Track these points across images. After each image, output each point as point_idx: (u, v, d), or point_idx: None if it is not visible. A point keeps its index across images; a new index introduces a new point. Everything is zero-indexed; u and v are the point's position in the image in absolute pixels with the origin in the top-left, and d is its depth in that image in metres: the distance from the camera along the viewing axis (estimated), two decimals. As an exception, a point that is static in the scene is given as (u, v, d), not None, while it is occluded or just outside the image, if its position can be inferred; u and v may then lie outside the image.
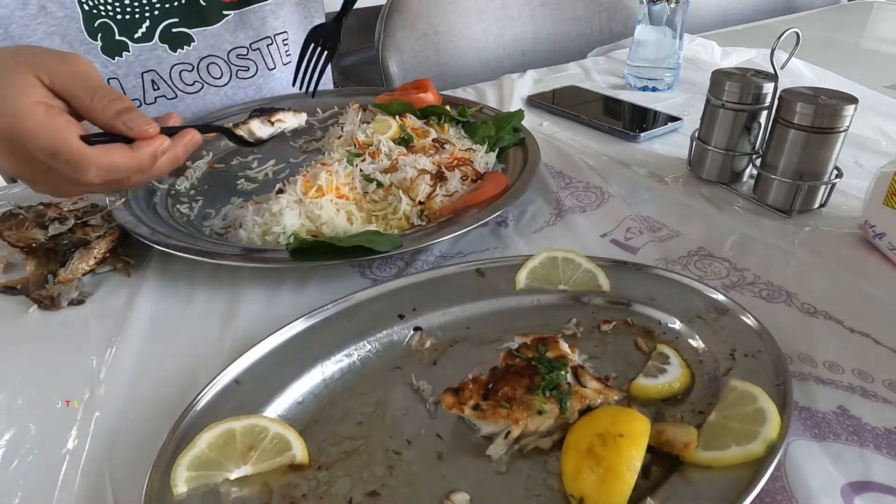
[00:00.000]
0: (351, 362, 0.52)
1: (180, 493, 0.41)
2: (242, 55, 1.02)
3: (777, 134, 0.71)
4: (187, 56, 0.97)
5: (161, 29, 0.94)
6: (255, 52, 1.03)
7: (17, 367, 0.56)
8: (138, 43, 0.93)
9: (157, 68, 0.95)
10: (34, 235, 0.66)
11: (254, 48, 1.03)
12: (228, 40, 1.00)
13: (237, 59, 1.02)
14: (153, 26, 0.93)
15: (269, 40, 1.04)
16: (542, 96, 1.09)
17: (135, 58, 0.93)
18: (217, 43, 0.99)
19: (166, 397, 0.51)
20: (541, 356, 0.47)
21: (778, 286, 0.61)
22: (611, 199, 0.77)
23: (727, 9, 1.71)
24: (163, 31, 0.94)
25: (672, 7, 1.05)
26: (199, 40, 0.97)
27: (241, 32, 1.01)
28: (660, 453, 0.42)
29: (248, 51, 1.03)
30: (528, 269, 0.59)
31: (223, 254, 0.63)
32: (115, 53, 0.92)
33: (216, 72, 1.00)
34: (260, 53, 1.04)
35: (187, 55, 0.97)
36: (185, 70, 0.98)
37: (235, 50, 1.01)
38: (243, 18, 1.00)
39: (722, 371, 0.48)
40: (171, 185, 0.81)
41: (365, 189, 0.74)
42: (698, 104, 0.82)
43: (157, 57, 0.95)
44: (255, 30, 1.02)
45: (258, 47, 1.03)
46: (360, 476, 0.43)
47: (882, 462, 0.44)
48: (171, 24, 0.94)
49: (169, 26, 0.94)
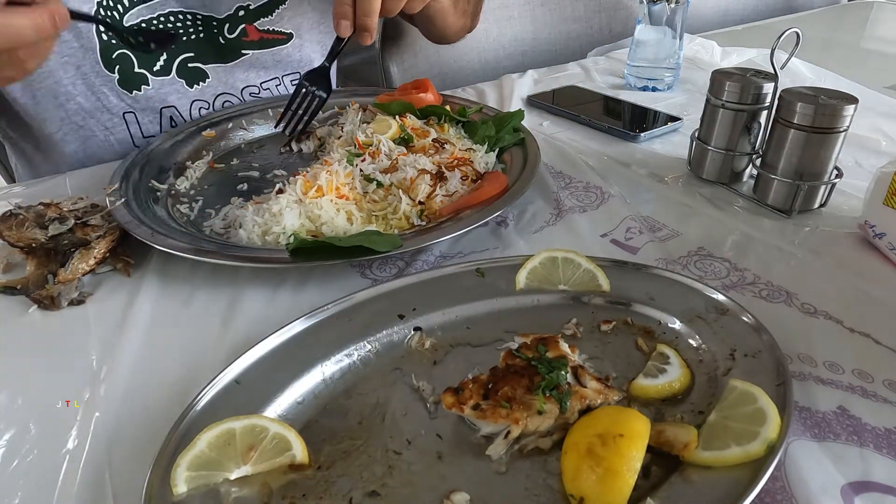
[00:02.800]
0: (351, 362, 0.52)
1: (180, 493, 0.41)
2: (254, 93, 1.03)
3: (777, 134, 0.71)
4: (203, 93, 0.98)
5: (178, 63, 0.94)
6: (266, 91, 1.05)
7: (17, 367, 0.56)
8: (158, 76, 0.93)
9: (177, 104, 0.96)
10: (34, 235, 0.66)
11: (264, 87, 1.04)
12: (241, 78, 1.01)
13: (250, 96, 1.03)
14: (171, 59, 0.93)
15: (277, 80, 1.05)
16: (542, 96, 1.09)
17: (154, 91, 0.93)
18: (230, 80, 1.00)
19: (166, 397, 0.51)
20: (541, 356, 0.47)
21: (778, 286, 0.61)
22: (611, 199, 0.77)
23: (727, 9, 1.70)
24: (180, 66, 0.94)
25: (672, 7, 1.05)
26: (212, 76, 0.98)
27: (253, 71, 1.02)
28: (660, 453, 0.42)
29: (259, 89, 1.04)
30: (528, 269, 0.59)
31: (223, 254, 0.63)
32: (134, 87, 0.92)
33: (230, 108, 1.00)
34: (270, 92, 1.05)
35: (203, 91, 0.98)
36: (203, 107, 0.98)
37: (248, 88, 1.02)
38: (259, 58, 1.01)
39: (722, 371, 0.48)
40: (171, 185, 0.81)
41: (365, 189, 0.74)
42: (698, 104, 0.82)
43: (176, 92, 0.95)
44: (267, 69, 1.03)
45: (268, 87, 1.05)
46: (360, 476, 0.43)
47: (882, 462, 0.44)
48: (188, 59, 0.95)
49: (185, 60, 0.94)
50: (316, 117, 0.92)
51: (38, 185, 0.87)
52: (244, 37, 0.98)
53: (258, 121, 0.96)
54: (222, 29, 0.96)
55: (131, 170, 0.79)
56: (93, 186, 0.78)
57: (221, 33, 0.96)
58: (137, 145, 0.95)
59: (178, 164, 0.85)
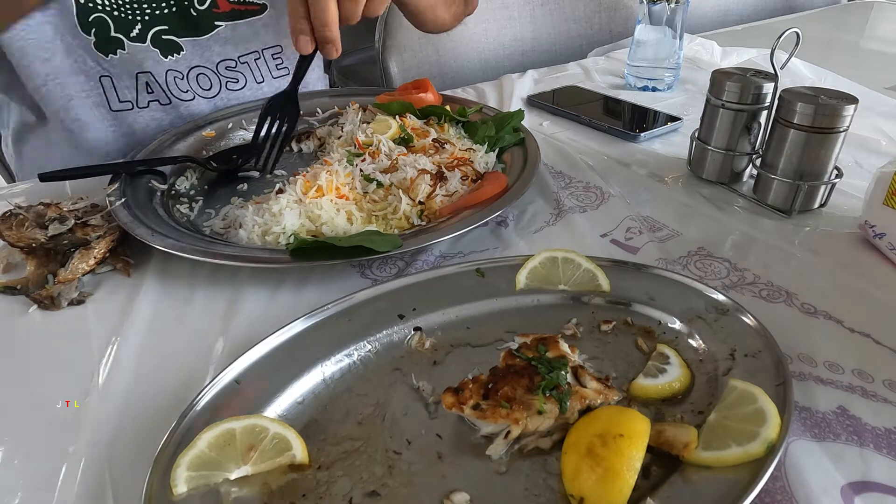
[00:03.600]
0: (351, 362, 0.52)
1: (180, 493, 0.41)
2: (231, 67, 1.01)
3: (777, 134, 0.71)
4: (178, 64, 0.96)
5: (152, 33, 0.93)
6: (244, 66, 1.02)
7: (17, 367, 0.56)
8: (134, 42, 0.92)
9: (153, 70, 0.95)
10: (34, 235, 0.66)
11: (242, 61, 1.02)
12: (217, 52, 0.99)
13: (226, 70, 1.01)
14: (145, 29, 0.92)
15: (256, 54, 1.03)
16: (542, 96, 1.09)
17: (130, 56, 0.92)
18: (206, 54, 0.98)
19: (166, 397, 0.51)
20: (541, 356, 0.47)
21: (778, 286, 0.61)
22: (611, 199, 0.77)
23: (727, 9, 1.70)
24: (154, 36, 0.93)
25: (672, 7, 1.05)
26: (187, 49, 0.96)
27: (231, 45, 1.00)
28: (660, 453, 0.42)
29: (237, 63, 1.02)
30: (528, 269, 0.59)
31: (223, 254, 0.63)
32: (110, 50, 0.91)
33: (205, 82, 0.99)
34: (248, 67, 1.03)
35: (178, 63, 0.96)
36: (178, 77, 0.97)
37: (224, 62, 1.00)
38: (235, 31, 0.99)
39: (722, 371, 0.48)
40: (171, 185, 0.81)
41: (365, 189, 0.74)
42: (698, 104, 0.83)
43: (151, 58, 0.94)
44: (245, 43, 1.01)
45: (246, 60, 1.02)
46: (360, 476, 0.43)
47: (882, 462, 0.44)
48: (161, 31, 0.93)
49: (159, 32, 0.93)
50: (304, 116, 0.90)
51: (38, 185, 0.87)
52: (214, 8, 0.96)
53: (258, 121, 0.96)
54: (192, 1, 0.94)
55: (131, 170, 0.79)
56: (93, 186, 0.78)
57: (192, 5, 0.94)
58: (114, 110, 0.95)
59: (178, 164, 0.85)
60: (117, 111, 0.96)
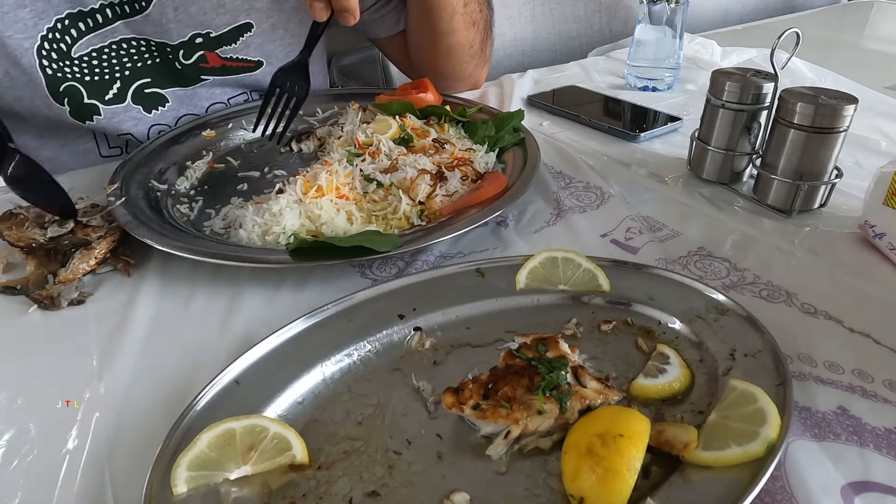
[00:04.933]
0: (351, 362, 0.52)
1: (180, 493, 0.41)
2: (220, 110, 0.98)
3: (777, 134, 0.71)
4: (163, 117, 0.93)
5: (133, 90, 0.89)
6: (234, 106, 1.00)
7: (17, 367, 0.56)
8: (110, 105, 0.88)
9: (134, 130, 0.92)
10: (34, 235, 0.66)
11: (232, 102, 1.00)
12: (205, 96, 0.96)
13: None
14: (124, 87, 0.88)
15: (246, 95, 1.01)
16: (542, 96, 1.09)
17: (107, 121, 0.89)
18: (194, 101, 0.95)
19: (166, 397, 0.51)
20: (541, 356, 0.47)
21: (778, 286, 0.61)
22: (611, 199, 0.77)
23: (727, 9, 1.70)
24: (135, 92, 0.89)
25: (672, 7, 1.05)
26: (172, 100, 0.93)
27: (219, 88, 0.97)
28: (660, 453, 0.42)
29: (227, 105, 0.99)
30: (528, 269, 0.59)
31: (223, 254, 0.63)
32: (86, 118, 0.88)
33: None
34: None
35: (163, 116, 0.93)
36: (164, 131, 0.93)
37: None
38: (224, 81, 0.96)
39: (722, 371, 0.48)
40: (170, 185, 0.81)
41: (365, 189, 0.74)
42: (698, 104, 0.82)
43: (131, 119, 0.91)
44: (235, 87, 0.99)
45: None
46: (360, 476, 0.43)
47: (882, 462, 0.44)
48: (144, 85, 0.90)
49: (141, 87, 0.90)
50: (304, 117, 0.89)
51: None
52: (203, 63, 0.92)
53: (258, 121, 0.96)
54: (177, 55, 0.89)
55: (131, 170, 0.79)
56: (93, 186, 0.78)
57: (177, 59, 0.90)
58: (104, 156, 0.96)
59: (178, 164, 0.85)
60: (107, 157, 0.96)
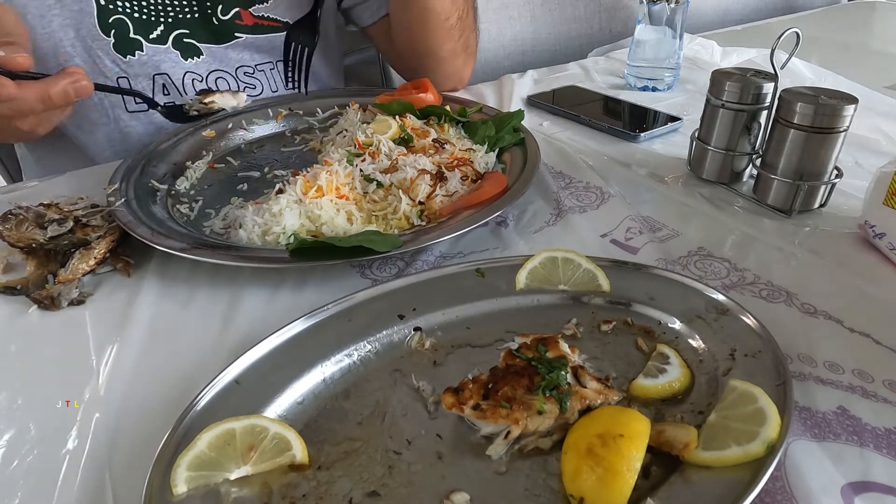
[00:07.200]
0: (351, 362, 0.52)
1: (180, 493, 0.41)
2: (249, 73, 1.03)
3: (777, 134, 0.70)
4: (197, 67, 0.98)
5: (174, 36, 0.95)
6: (261, 73, 1.04)
7: (17, 367, 0.56)
8: (153, 44, 0.93)
9: (170, 72, 0.96)
10: (34, 235, 0.66)
11: (259, 69, 1.04)
12: (235, 58, 1.01)
13: (244, 76, 1.02)
14: (167, 31, 0.94)
15: (271, 64, 1.05)
16: (542, 96, 1.09)
17: (148, 58, 0.94)
18: (225, 59, 1.00)
19: (166, 397, 0.51)
20: (541, 356, 0.47)
21: (778, 286, 0.61)
22: (611, 199, 0.77)
23: (727, 9, 1.70)
24: (175, 38, 0.95)
25: (672, 7, 1.05)
26: (206, 54, 0.98)
27: (248, 53, 1.02)
28: (660, 453, 0.42)
29: (255, 70, 1.03)
30: (528, 269, 0.59)
31: (223, 254, 0.63)
32: (129, 52, 0.92)
33: (224, 86, 1.00)
34: (265, 74, 1.05)
35: (197, 66, 0.98)
36: (197, 79, 0.98)
37: (242, 68, 1.02)
38: (254, 42, 1.01)
39: (722, 371, 0.48)
40: (170, 185, 0.81)
41: (365, 189, 0.74)
42: (698, 104, 0.82)
43: (170, 60, 0.95)
44: (263, 53, 1.03)
45: (263, 69, 1.04)
46: (360, 476, 0.43)
47: (882, 462, 0.44)
48: (182, 34, 0.95)
49: (180, 35, 0.95)
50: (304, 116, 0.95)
51: (38, 185, 0.87)
52: (238, 20, 0.98)
53: (258, 121, 0.96)
54: (216, 10, 0.96)
55: (131, 170, 0.80)
56: (93, 186, 0.78)
57: (215, 14, 0.96)
58: (130, 111, 0.97)
59: (178, 164, 0.85)
60: (133, 112, 0.97)
